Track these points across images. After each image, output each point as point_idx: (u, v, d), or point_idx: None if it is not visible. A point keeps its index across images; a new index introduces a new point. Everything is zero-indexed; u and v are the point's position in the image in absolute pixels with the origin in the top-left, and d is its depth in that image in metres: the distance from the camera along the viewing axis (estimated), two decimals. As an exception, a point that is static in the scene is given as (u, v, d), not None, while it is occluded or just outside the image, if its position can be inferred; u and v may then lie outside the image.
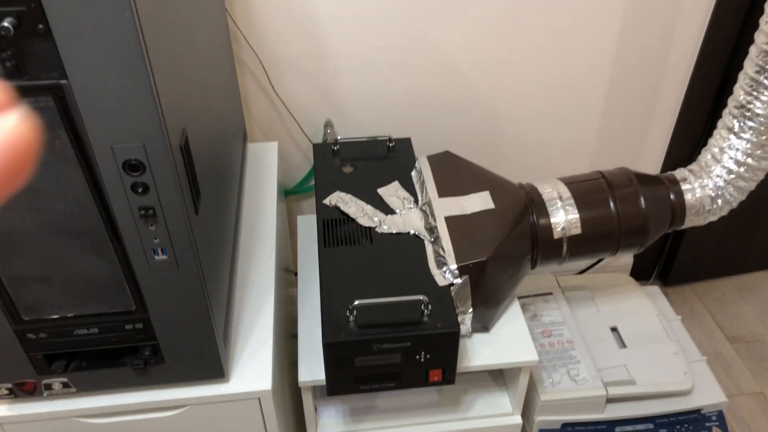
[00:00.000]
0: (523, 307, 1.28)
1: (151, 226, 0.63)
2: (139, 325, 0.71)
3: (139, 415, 0.80)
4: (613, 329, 1.26)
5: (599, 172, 1.10)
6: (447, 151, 1.15)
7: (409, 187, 1.10)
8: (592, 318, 1.28)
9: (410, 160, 1.16)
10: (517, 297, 1.10)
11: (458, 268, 0.95)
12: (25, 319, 0.69)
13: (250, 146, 1.24)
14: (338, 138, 1.17)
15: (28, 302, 0.67)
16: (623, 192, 1.06)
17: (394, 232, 1.01)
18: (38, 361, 0.73)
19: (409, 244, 0.99)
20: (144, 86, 0.55)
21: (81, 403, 0.78)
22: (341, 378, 0.91)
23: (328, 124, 1.33)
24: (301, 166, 1.41)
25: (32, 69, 0.52)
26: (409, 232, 1.01)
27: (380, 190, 1.09)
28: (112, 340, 0.72)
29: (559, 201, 1.05)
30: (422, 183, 1.09)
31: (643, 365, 1.17)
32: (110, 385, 0.77)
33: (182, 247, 0.66)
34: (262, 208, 1.09)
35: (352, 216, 1.04)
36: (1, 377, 0.74)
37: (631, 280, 1.37)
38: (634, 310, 1.29)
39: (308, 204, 1.48)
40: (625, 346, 1.22)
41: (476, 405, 1.10)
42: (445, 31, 1.25)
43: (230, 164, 0.99)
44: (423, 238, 1.01)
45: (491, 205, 1.04)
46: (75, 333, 0.71)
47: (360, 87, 1.30)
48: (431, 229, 1.01)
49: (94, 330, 0.71)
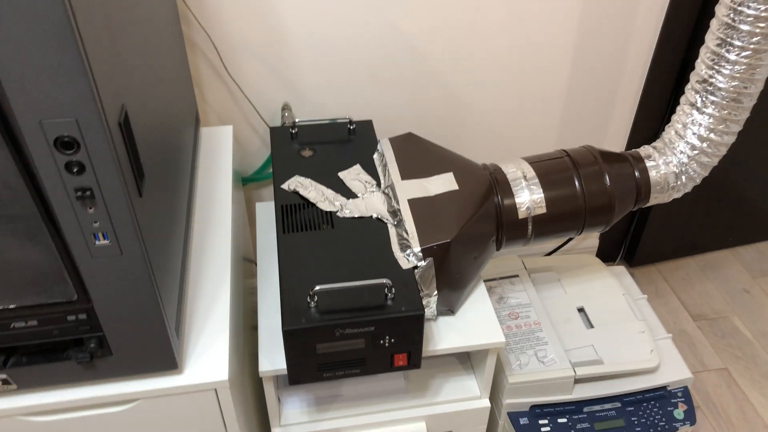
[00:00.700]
0: (489, 290, 1.27)
1: (90, 209, 0.59)
2: (83, 316, 0.67)
3: (88, 411, 0.76)
4: (580, 310, 1.25)
5: (563, 150, 1.09)
6: (409, 133, 1.12)
7: (371, 170, 1.07)
8: (559, 299, 1.27)
9: (372, 143, 1.13)
10: (484, 280, 1.09)
11: (422, 251, 0.92)
12: (-43, 313, 0.64)
13: (204, 131, 1.19)
14: (296, 121, 1.14)
15: (-41, 295, 0.63)
16: (588, 170, 1.04)
17: (356, 216, 0.98)
18: (-26, 358, 0.68)
19: (372, 228, 0.96)
20: (73, 55, 0.50)
21: (23, 400, 0.73)
22: (303, 366, 0.88)
23: (286, 107, 1.29)
24: (260, 152, 1.37)
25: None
26: (371, 216, 0.99)
27: (341, 174, 1.06)
28: (54, 333, 0.68)
29: (523, 181, 1.03)
30: (384, 166, 1.06)
31: (611, 344, 1.17)
32: (54, 381, 0.72)
33: (125, 232, 0.62)
34: (217, 195, 1.05)
35: (312, 201, 1.00)
36: (-65, 377, 0.69)
37: (597, 260, 1.36)
38: (600, 291, 1.29)
39: (268, 191, 1.44)
40: (593, 326, 1.21)
41: (444, 389, 1.08)
42: (404, 9, 1.22)
43: (180, 147, 0.94)
44: (386, 221, 0.98)
45: (455, 187, 1.01)
46: (12, 326, 0.66)
47: (318, 68, 1.26)
48: (394, 212, 0.99)
49: (33, 322, 0.66)
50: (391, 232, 0.96)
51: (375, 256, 0.92)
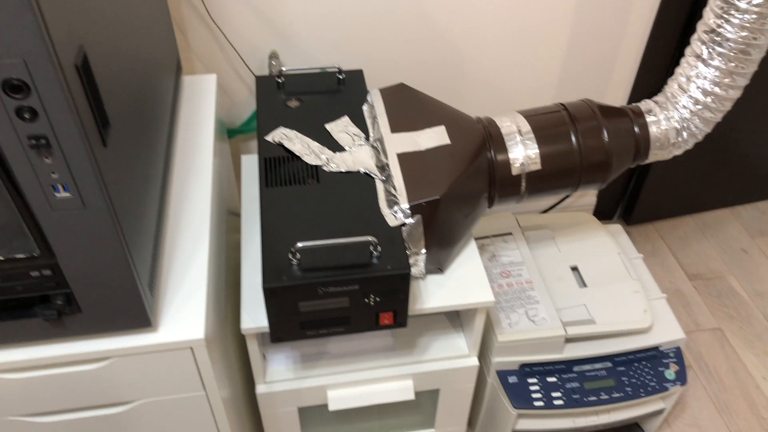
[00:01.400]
0: (481, 248, 1.24)
1: (46, 158, 0.55)
2: (47, 272, 0.64)
3: (59, 369, 0.74)
4: (574, 269, 1.22)
5: (561, 104, 1.04)
6: (401, 84, 1.07)
7: (359, 123, 1.02)
8: (553, 258, 1.24)
9: (361, 94, 1.08)
10: (476, 237, 1.06)
11: (410, 208, 0.89)
12: None
13: (186, 79, 1.14)
14: (283, 69, 1.08)
15: None
16: (585, 125, 1.00)
17: (343, 170, 0.94)
18: (-64, 314, 0.65)
19: (359, 183, 0.93)
20: (16, -12, 0.46)
21: (-9, 358, 0.71)
22: (285, 324, 0.85)
23: (274, 56, 1.23)
24: (247, 103, 1.32)
25: None
26: (358, 171, 0.95)
27: (328, 126, 1.01)
28: (18, 289, 0.65)
29: (518, 135, 0.99)
30: (374, 118, 1.02)
31: (603, 304, 1.14)
32: (22, 338, 0.70)
33: (87, 183, 0.58)
34: (198, 146, 1.00)
35: (297, 153, 0.96)
36: None
37: (593, 218, 1.33)
38: (595, 249, 1.26)
39: (255, 144, 1.40)
40: (586, 286, 1.18)
41: (432, 347, 1.06)
42: (398, -49, 1.15)
43: (158, 95, 0.90)
44: (374, 176, 0.94)
45: (447, 141, 0.97)
46: (-27, 282, 0.63)
47: (308, 14, 1.20)
48: (382, 167, 0.95)
49: (-5, 278, 0.63)
50: (379, 187, 0.92)
51: (361, 213, 0.88)
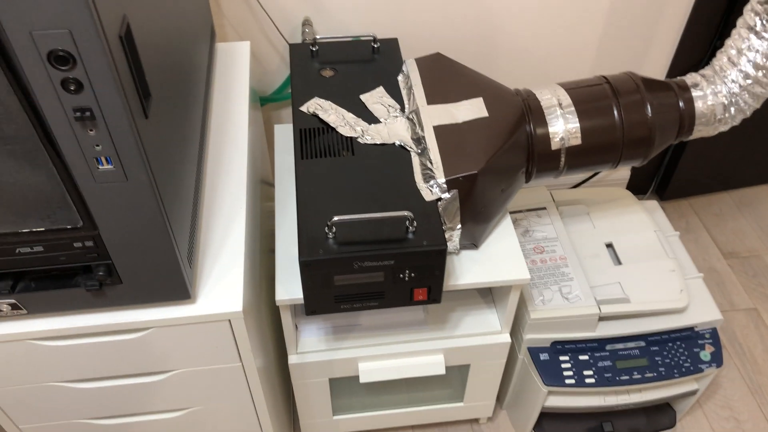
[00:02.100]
0: (514, 222, 1.22)
1: (90, 131, 0.55)
2: (89, 243, 0.64)
3: (100, 338, 0.75)
4: (609, 245, 1.20)
5: (603, 77, 1.01)
6: (437, 53, 1.05)
7: (395, 94, 1.00)
8: (587, 234, 1.22)
9: (397, 63, 1.05)
10: (509, 212, 1.04)
11: (447, 182, 0.87)
12: (-41, 235, 0.61)
13: (220, 46, 1.12)
14: (317, 38, 1.06)
15: (-40, 217, 0.60)
16: (629, 99, 0.97)
17: (378, 142, 0.93)
18: (-20, 281, 0.66)
19: (394, 156, 0.91)
20: (63, -43, 0.45)
21: (33, 325, 0.72)
22: (320, 297, 0.85)
23: (307, 23, 1.21)
24: (279, 71, 1.30)
25: None
26: (394, 143, 0.93)
27: (363, 97, 0.99)
28: (61, 259, 0.65)
29: (558, 108, 0.96)
30: (409, 89, 1.00)
31: (638, 282, 1.12)
32: (64, 307, 0.71)
33: (129, 156, 0.57)
34: (233, 115, 1.00)
35: (332, 125, 0.95)
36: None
37: (629, 194, 1.30)
38: (630, 226, 1.23)
39: (287, 113, 1.38)
40: (621, 263, 1.16)
41: (464, 323, 1.06)
42: None
43: (194, 64, 0.89)
44: (409, 149, 0.92)
45: (484, 113, 0.95)
46: (17, 251, 0.63)
47: (342, -20, 1.17)
48: (418, 140, 0.93)
49: (39, 248, 0.63)
50: (415, 161, 0.91)
51: (397, 186, 0.87)
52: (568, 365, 1.09)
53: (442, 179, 0.87)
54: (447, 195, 0.87)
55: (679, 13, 1.32)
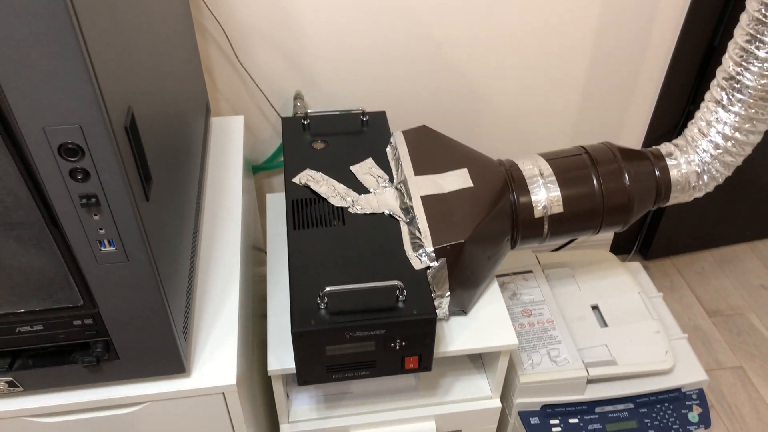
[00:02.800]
0: (502, 286, 1.24)
1: (95, 215, 0.57)
2: (89, 321, 0.66)
3: (95, 413, 0.75)
4: (594, 307, 1.23)
5: (582, 147, 1.06)
6: (424, 126, 1.10)
7: (383, 164, 1.04)
8: (573, 296, 1.25)
9: (385, 135, 1.10)
10: (496, 275, 1.07)
11: (435, 251, 0.90)
12: (-39, 316, 0.63)
13: (215, 120, 1.17)
14: (309, 111, 1.11)
15: (-37, 298, 0.61)
16: (607, 168, 1.01)
17: (368, 212, 0.96)
18: (-21, 360, 0.67)
19: (384, 226, 0.94)
20: (76, 60, 0.48)
21: (29, 402, 0.72)
22: (312, 367, 0.87)
23: (298, 96, 1.26)
24: (271, 140, 1.35)
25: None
26: (383, 213, 0.96)
27: (353, 168, 1.03)
28: (60, 337, 0.66)
29: (540, 178, 1.00)
30: (397, 160, 1.04)
31: (625, 344, 1.15)
32: (61, 383, 0.72)
33: (131, 238, 0.60)
34: (227, 187, 1.03)
35: (323, 195, 0.98)
36: (-59, 377, 0.68)
37: (613, 256, 1.34)
38: (615, 288, 1.26)
39: (278, 180, 1.42)
40: (607, 325, 1.19)
41: (454, 389, 1.07)
42: (421, -3, 1.18)
43: (190, 141, 0.92)
44: (398, 218, 0.96)
45: (470, 183, 0.99)
46: (17, 330, 0.65)
47: (331, 57, 1.23)
48: (407, 209, 0.96)
49: (39, 327, 0.65)
50: (404, 229, 0.94)
51: (387, 255, 0.90)
52: (559, 429, 1.10)
53: (430, 248, 0.90)
54: (435, 263, 0.90)
55: (652, 82, 1.40)
